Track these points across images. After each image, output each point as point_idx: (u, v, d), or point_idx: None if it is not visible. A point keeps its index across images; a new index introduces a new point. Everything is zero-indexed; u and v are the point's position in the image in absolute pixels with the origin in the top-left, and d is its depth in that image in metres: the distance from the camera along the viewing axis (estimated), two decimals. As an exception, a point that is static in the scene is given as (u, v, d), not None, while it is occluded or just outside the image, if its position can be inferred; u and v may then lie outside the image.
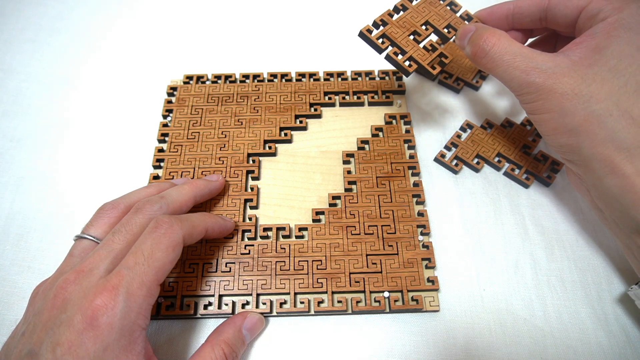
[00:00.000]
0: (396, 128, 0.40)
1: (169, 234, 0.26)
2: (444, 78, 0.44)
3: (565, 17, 0.32)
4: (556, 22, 0.33)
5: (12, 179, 0.39)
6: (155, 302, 0.31)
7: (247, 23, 0.50)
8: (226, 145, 0.39)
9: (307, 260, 0.33)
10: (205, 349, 0.28)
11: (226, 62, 0.46)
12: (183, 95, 0.42)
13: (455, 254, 0.35)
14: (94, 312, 0.23)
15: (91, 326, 0.23)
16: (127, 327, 0.23)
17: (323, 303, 0.32)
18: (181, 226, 0.27)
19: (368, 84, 0.43)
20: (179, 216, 0.28)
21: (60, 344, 0.22)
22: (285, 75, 0.43)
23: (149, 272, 0.25)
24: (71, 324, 0.23)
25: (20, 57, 0.47)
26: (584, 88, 0.27)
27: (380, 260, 0.33)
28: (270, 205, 0.37)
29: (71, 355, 0.22)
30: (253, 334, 0.31)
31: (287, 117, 0.40)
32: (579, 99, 0.27)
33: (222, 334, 0.29)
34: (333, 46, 0.48)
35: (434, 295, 0.32)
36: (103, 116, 0.43)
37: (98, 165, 0.40)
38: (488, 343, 0.31)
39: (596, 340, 0.32)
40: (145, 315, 0.24)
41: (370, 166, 0.38)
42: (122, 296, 0.23)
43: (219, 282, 0.32)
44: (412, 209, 0.35)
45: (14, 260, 0.35)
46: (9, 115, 0.43)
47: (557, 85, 0.28)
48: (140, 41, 0.48)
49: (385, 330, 0.32)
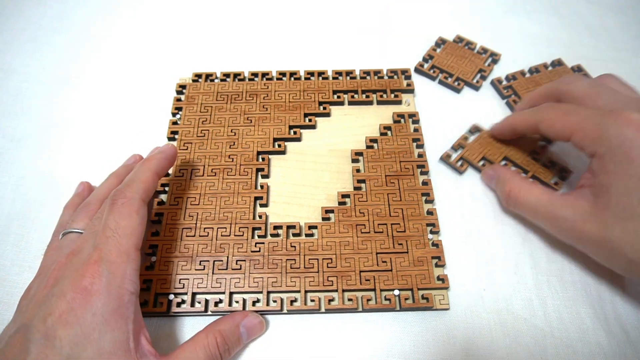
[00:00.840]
0: (404, 127, 0.40)
1: (125, 202, 0.28)
2: (444, 78, 0.44)
3: (559, 139, 0.33)
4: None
5: (12, 179, 0.39)
6: (166, 299, 0.32)
7: (255, 21, 0.50)
8: (236, 143, 0.39)
9: (317, 259, 0.33)
10: (199, 336, 0.28)
11: (235, 60, 0.46)
12: (192, 93, 0.42)
13: (455, 253, 0.35)
14: (83, 284, 0.24)
15: (80, 295, 0.24)
16: (114, 291, 0.25)
17: (334, 301, 0.32)
18: (131, 189, 0.29)
19: (377, 82, 0.43)
20: (126, 182, 0.30)
21: (51, 314, 0.24)
22: (294, 74, 0.43)
23: (121, 240, 0.27)
24: (62, 296, 0.24)
25: (20, 57, 0.47)
26: (610, 234, 0.28)
27: (391, 258, 0.33)
28: (280, 203, 0.37)
29: (61, 323, 0.24)
30: (251, 335, 0.31)
31: (296, 116, 0.41)
32: (611, 245, 0.28)
33: (218, 324, 0.29)
34: (341, 45, 0.48)
35: (444, 293, 0.32)
36: (105, 115, 0.43)
37: (98, 165, 0.39)
38: (488, 343, 0.32)
39: (596, 340, 0.32)
40: (131, 280, 0.26)
41: (379, 165, 0.38)
42: (104, 265, 0.25)
43: (229, 279, 0.33)
44: (421, 208, 0.36)
45: (14, 261, 0.35)
46: (9, 115, 0.43)
47: (585, 234, 0.29)
48: (145, 40, 0.48)
49: (385, 330, 0.32)
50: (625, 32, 0.50)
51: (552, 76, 0.45)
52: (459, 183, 0.39)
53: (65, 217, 0.34)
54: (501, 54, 0.47)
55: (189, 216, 0.35)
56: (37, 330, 0.24)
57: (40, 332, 0.23)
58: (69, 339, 0.23)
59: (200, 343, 0.28)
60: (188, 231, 0.34)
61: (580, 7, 0.52)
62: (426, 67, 0.46)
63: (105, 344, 0.24)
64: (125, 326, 0.25)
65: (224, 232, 0.34)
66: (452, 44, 0.47)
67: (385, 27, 0.50)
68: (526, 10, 0.52)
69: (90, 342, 0.24)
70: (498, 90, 0.44)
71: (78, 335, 0.23)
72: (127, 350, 0.25)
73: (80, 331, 0.24)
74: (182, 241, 0.34)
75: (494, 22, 0.50)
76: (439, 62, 0.46)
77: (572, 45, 0.48)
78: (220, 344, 0.28)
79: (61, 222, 0.34)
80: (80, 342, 0.23)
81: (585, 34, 0.50)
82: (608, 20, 0.51)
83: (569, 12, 0.52)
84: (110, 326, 0.24)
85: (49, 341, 0.23)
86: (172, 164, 0.34)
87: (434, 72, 0.45)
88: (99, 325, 0.24)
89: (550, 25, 0.50)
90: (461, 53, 0.46)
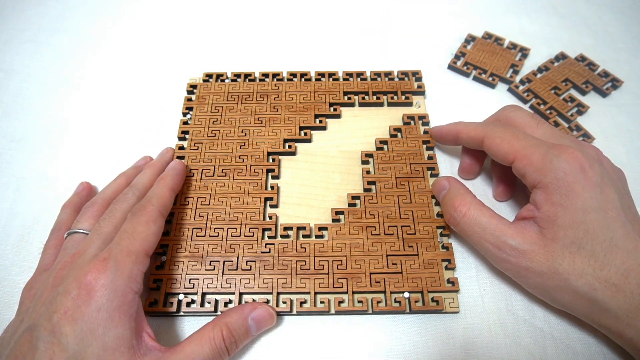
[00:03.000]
0: (414, 129, 0.40)
1: (145, 212, 0.30)
2: (479, 74, 0.45)
3: (500, 161, 0.32)
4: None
5: (13, 179, 0.39)
6: (176, 299, 0.32)
7: (266, 21, 0.50)
8: (246, 143, 0.39)
9: (327, 260, 0.33)
10: (206, 328, 0.28)
11: (246, 60, 0.47)
12: (203, 93, 0.42)
13: (455, 254, 0.35)
14: (88, 279, 0.25)
15: (85, 291, 0.25)
16: (119, 289, 0.25)
17: (343, 303, 0.32)
18: (151, 204, 0.30)
19: (387, 84, 0.43)
20: (147, 197, 0.32)
21: (57, 311, 0.24)
22: (304, 75, 0.43)
23: (134, 242, 0.28)
24: (67, 293, 0.25)
25: (21, 57, 0.47)
26: (558, 266, 0.28)
27: (401, 260, 0.33)
28: (290, 204, 0.37)
29: (67, 320, 0.24)
30: (260, 328, 0.30)
31: (306, 117, 0.40)
32: (558, 277, 0.28)
33: (226, 316, 0.29)
34: (352, 46, 0.48)
35: (454, 296, 0.32)
36: (109, 115, 0.43)
37: (99, 166, 0.40)
38: (488, 343, 0.32)
39: (596, 340, 0.32)
40: (136, 280, 0.27)
41: (389, 166, 0.38)
42: (112, 263, 0.26)
43: (239, 280, 0.33)
44: (431, 210, 0.35)
45: (14, 261, 0.35)
46: (9, 115, 0.43)
47: (533, 265, 0.28)
48: (155, 40, 0.49)
49: (385, 330, 0.32)
50: (625, 32, 0.50)
51: (563, 70, 0.45)
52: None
53: (63, 216, 0.34)
54: (530, 49, 0.47)
55: (199, 216, 0.35)
56: (44, 327, 0.24)
57: (47, 329, 0.24)
58: (74, 334, 0.24)
59: (206, 336, 0.28)
60: (198, 231, 0.34)
61: (580, 7, 0.52)
62: (459, 63, 0.46)
63: (110, 340, 0.24)
64: (129, 323, 0.25)
65: (234, 233, 0.34)
66: (481, 40, 0.48)
67: (389, 28, 0.50)
68: (526, 10, 0.52)
69: (95, 338, 0.24)
70: (517, 96, 0.44)
71: (84, 330, 0.24)
72: (130, 347, 0.25)
73: (85, 327, 0.24)
74: (193, 241, 0.34)
75: (494, 22, 0.50)
76: (472, 59, 0.46)
77: (572, 45, 0.48)
78: (227, 337, 0.28)
79: (59, 221, 0.34)
80: (85, 337, 0.24)
81: (585, 34, 0.49)
82: (608, 20, 0.51)
83: (569, 12, 0.52)
84: (114, 322, 0.25)
85: (56, 338, 0.24)
86: (183, 180, 0.36)
87: (467, 69, 0.45)
88: (103, 321, 0.24)
89: (550, 25, 0.50)
90: (492, 49, 0.47)
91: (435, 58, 0.47)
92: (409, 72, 0.43)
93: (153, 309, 0.31)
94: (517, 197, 0.38)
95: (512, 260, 0.29)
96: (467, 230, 0.31)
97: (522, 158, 0.30)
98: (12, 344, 0.25)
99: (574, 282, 0.27)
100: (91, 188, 0.38)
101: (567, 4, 0.52)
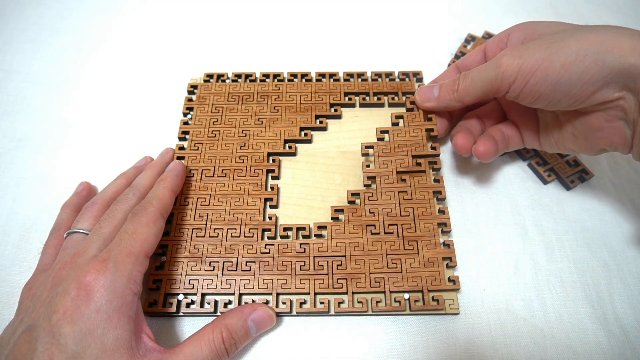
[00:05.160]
0: (417, 116, 0.38)
1: (146, 213, 0.30)
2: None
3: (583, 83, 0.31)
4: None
5: (13, 179, 0.39)
6: (176, 300, 0.31)
7: (267, 22, 0.50)
8: (246, 144, 0.39)
9: (327, 260, 0.33)
10: (206, 329, 0.28)
11: (246, 61, 0.47)
12: (203, 93, 0.42)
13: (455, 253, 0.35)
14: (87, 280, 0.25)
15: (84, 292, 0.25)
16: (118, 290, 0.25)
17: (343, 303, 0.32)
18: (152, 205, 0.30)
19: (388, 85, 0.42)
20: (147, 198, 0.32)
21: (56, 311, 0.24)
22: (305, 75, 0.43)
23: (134, 243, 0.28)
24: (66, 294, 0.25)
25: (21, 57, 0.47)
26: (524, 52, 0.29)
27: (401, 259, 0.33)
28: (290, 205, 0.37)
29: (66, 320, 0.24)
30: (260, 329, 0.30)
31: (307, 117, 0.40)
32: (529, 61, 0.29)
33: (226, 318, 0.29)
34: (353, 47, 0.48)
35: (454, 297, 0.32)
36: (109, 115, 0.43)
37: (99, 166, 0.40)
38: (488, 343, 0.31)
39: (596, 340, 0.32)
40: (135, 281, 0.27)
41: (390, 160, 0.37)
42: (111, 264, 0.26)
43: (239, 280, 0.32)
44: (432, 206, 0.35)
45: (14, 261, 0.35)
46: (9, 115, 0.43)
47: (508, 61, 0.30)
48: (156, 40, 0.49)
49: (384, 330, 0.32)
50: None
51: None
52: (458, 183, 0.39)
53: (63, 216, 0.34)
54: None
55: (199, 216, 0.35)
56: (43, 328, 0.24)
57: (46, 330, 0.24)
58: (73, 335, 0.24)
59: (205, 337, 0.28)
60: (198, 232, 0.34)
61: (580, 7, 0.52)
62: None
63: (109, 341, 0.24)
64: (128, 325, 0.25)
65: (233, 233, 0.34)
66: (481, 40, 0.47)
67: (389, 29, 0.50)
68: (526, 10, 0.52)
69: (94, 339, 0.24)
70: None
71: (83, 331, 0.24)
72: (129, 348, 0.25)
73: (84, 327, 0.24)
74: (192, 241, 0.34)
75: (494, 22, 0.50)
76: None
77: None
78: (226, 339, 0.28)
79: (58, 221, 0.34)
80: (84, 338, 0.24)
81: (585, 33, 0.49)
82: (608, 20, 0.51)
83: (569, 12, 0.51)
84: (113, 324, 0.25)
85: (55, 338, 0.24)
86: (183, 181, 0.36)
87: None
88: (102, 322, 0.24)
89: (549, 25, 0.50)
90: None
91: (435, 58, 0.47)
92: (410, 73, 0.43)
93: (152, 310, 0.31)
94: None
95: (503, 66, 0.30)
96: (470, 87, 0.33)
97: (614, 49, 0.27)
98: (11, 344, 0.25)
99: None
100: (91, 188, 0.38)
101: (567, 4, 0.52)
